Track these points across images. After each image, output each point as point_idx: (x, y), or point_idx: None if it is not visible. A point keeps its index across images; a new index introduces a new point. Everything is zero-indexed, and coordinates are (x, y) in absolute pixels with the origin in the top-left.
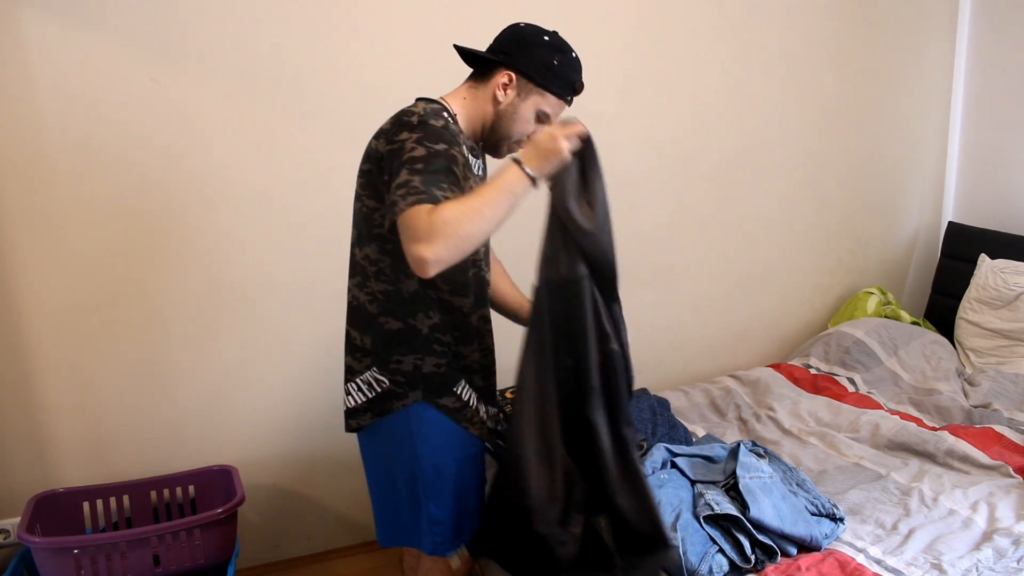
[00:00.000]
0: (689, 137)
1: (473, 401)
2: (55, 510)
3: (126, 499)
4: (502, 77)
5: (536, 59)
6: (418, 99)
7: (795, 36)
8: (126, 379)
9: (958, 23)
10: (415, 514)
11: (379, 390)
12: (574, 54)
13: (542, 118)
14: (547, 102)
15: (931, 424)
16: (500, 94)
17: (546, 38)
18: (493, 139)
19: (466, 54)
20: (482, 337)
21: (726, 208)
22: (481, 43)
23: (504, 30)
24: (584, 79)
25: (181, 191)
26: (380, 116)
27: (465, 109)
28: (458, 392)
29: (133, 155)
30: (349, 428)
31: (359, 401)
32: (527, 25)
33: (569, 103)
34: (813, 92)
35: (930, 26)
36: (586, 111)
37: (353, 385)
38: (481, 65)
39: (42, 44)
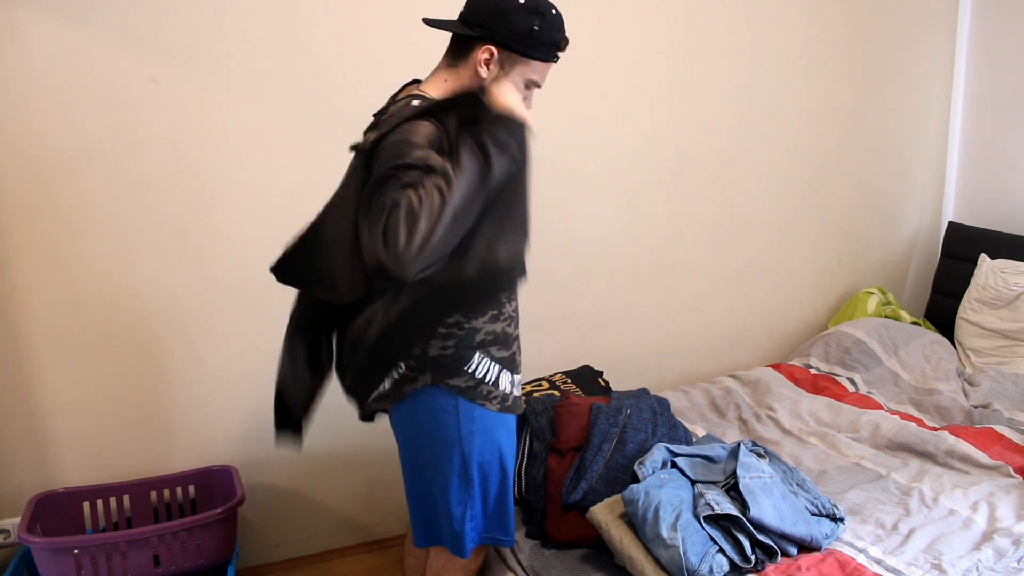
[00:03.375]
0: (689, 137)
1: (491, 374)
2: (55, 510)
3: (126, 499)
4: (482, 53)
5: (515, 28)
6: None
7: (795, 36)
8: (126, 379)
9: (958, 23)
10: (447, 510)
11: (396, 376)
12: (554, 11)
13: (530, 85)
14: (533, 69)
15: (931, 424)
16: (483, 70)
17: (521, 1)
18: None
19: (439, 27)
20: (498, 305)
21: (726, 208)
22: None
23: None
24: (569, 36)
25: (181, 191)
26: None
27: (448, 93)
28: (471, 371)
29: (133, 155)
30: (368, 414)
31: (386, 387)
32: None
33: (556, 60)
34: (813, 92)
35: (930, 25)
36: (588, 111)
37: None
38: (457, 39)
39: (42, 44)
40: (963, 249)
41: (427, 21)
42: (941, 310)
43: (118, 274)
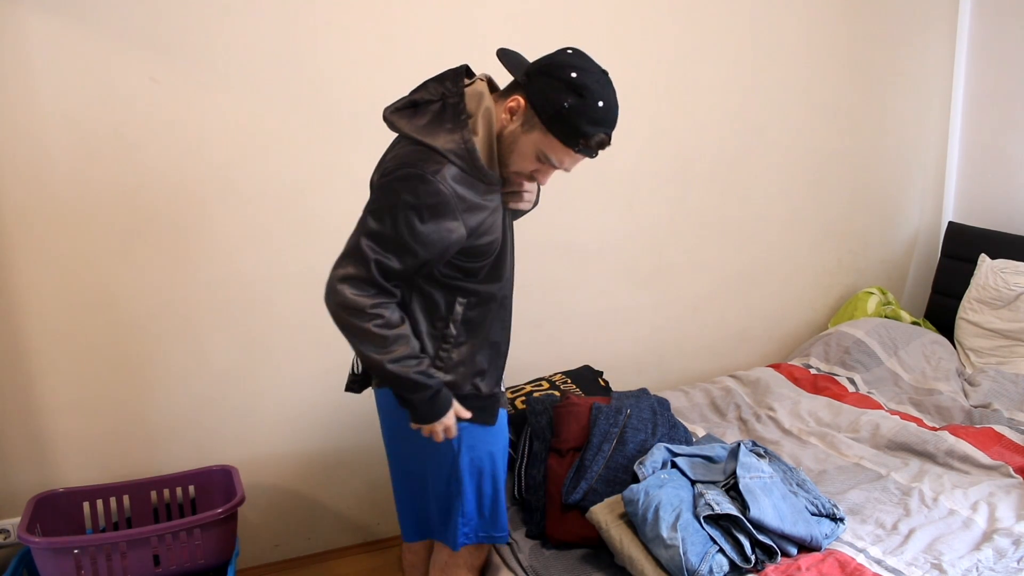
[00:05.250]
0: (689, 137)
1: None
2: (55, 510)
3: (126, 499)
4: (511, 100)
5: (547, 93)
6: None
7: (795, 36)
8: (126, 379)
9: (958, 22)
10: (436, 503)
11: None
12: (600, 103)
13: (542, 159)
14: (549, 144)
15: (931, 424)
16: (505, 116)
17: (572, 75)
18: (498, 158)
19: (504, 63)
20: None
21: (726, 208)
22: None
23: (553, 52)
24: (611, 139)
25: (181, 191)
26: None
27: (482, 126)
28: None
29: (133, 155)
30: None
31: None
32: (571, 54)
33: (582, 154)
34: (813, 92)
35: (930, 25)
36: None
37: None
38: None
39: (42, 44)
40: (963, 249)
41: (501, 52)
42: (941, 310)
43: (118, 274)
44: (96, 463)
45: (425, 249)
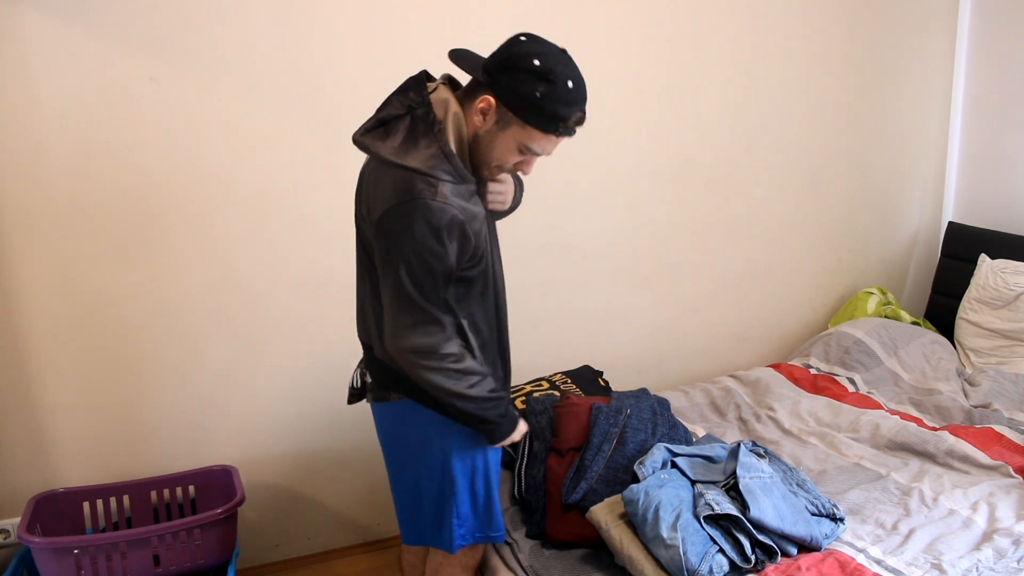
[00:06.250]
0: (689, 137)
1: None
2: (55, 510)
3: (126, 499)
4: (480, 101)
5: (516, 87)
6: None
7: (796, 36)
8: (126, 379)
9: (958, 23)
10: (431, 508)
11: (368, 380)
12: (569, 83)
13: (524, 151)
14: (529, 135)
15: (931, 424)
16: (478, 119)
17: (536, 63)
18: (474, 160)
19: (460, 65)
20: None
21: (726, 208)
22: (483, 42)
23: (505, 42)
24: (586, 113)
25: (181, 191)
26: None
27: (453, 129)
28: None
29: (133, 155)
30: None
31: (356, 384)
32: (526, 41)
33: (561, 134)
34: (813, 92)
35: (930, 26)
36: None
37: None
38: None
39: (42, 44)
40: (963, 249)
41: (453, 54)
42: (941, 310)
43: (118, 274)
44: (96, 463)
45: (454, 267)
